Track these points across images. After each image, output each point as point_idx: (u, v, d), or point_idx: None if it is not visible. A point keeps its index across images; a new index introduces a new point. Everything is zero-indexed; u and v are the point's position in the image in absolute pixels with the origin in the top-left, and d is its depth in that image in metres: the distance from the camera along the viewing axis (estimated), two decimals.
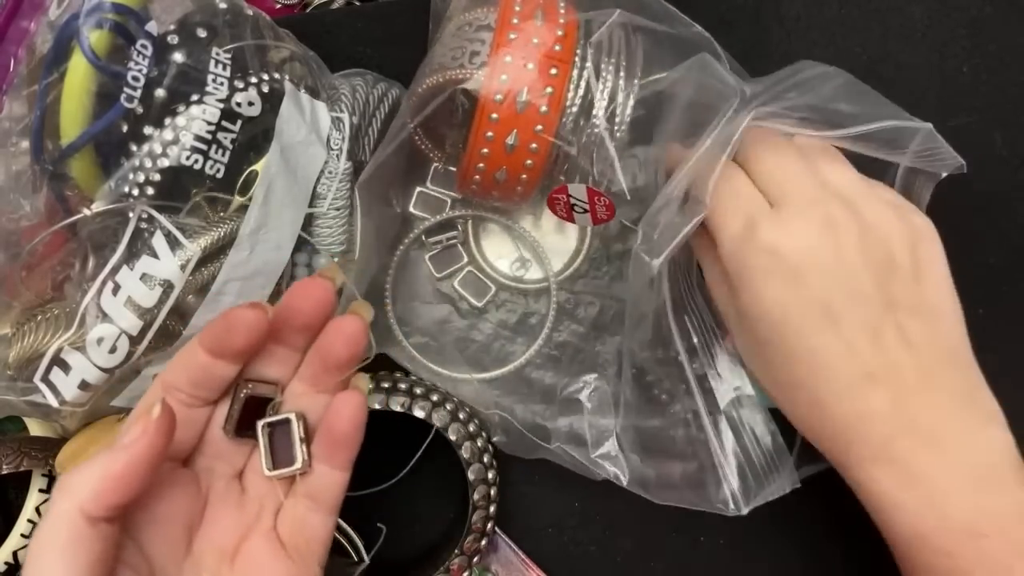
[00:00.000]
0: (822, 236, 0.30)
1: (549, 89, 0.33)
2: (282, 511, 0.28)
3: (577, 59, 0.33)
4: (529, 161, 0.34)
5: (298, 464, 0.27)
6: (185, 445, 0.27)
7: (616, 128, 0.34)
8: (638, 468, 0.36)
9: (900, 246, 0.31)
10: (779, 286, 0.30)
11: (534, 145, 0.33)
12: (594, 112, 0.34)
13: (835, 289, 0.29)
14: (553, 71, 0.33)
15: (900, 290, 0.30)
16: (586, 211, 0.35)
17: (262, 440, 0.27)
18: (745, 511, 0.34)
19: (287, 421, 0.27)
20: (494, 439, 0.39)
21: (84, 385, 0.32)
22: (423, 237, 0.42)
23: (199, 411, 0.28)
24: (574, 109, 0.33)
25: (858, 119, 0.33)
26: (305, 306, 0.27)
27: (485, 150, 0.34)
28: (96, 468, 0.23)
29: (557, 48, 0.33)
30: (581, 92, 0.34)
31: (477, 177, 0.35)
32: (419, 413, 0.37)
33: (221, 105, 0.32)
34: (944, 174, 0.34)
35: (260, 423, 0.28)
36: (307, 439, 0.28)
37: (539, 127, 0.33)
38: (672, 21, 0.35)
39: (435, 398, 0.38)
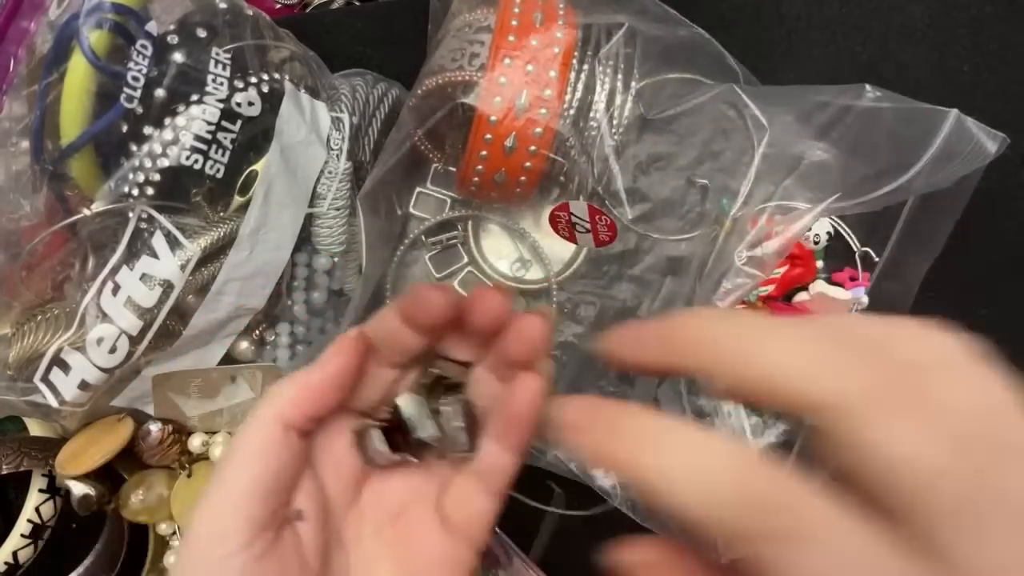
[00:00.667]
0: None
1: (548, 92, 0.33)
2: (450, 487, 0.28)
3: (575, 62, 0.33)
4: (528, 163, 0.34)
5: (465, 448, 0.27)
6: (368, 400, 0.28)
7: (614, 129, 0.34)
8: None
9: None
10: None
11: (532, 147, 0.33)
12: (592, 113, 0.34)
13: None
14: (552, 73, 0.33)
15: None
16: (588, 231, 0.35)
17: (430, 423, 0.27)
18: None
19: (461, 402, 0.27)
20: None
21: (84, 385, 0.32)
22: (423, 237, 0.42)
23: (386, 371, 0.28)
24: (571, 111, 0.33)
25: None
26: (483, 319, 0.26)
27: (484, 152, 0.34)
28: (296, 379, 0.25)
29: (556, 50, 0.33)
30: (579, 94, 0.34)
31: (476, 179, 0.35)
32: None
33: (221, 105, 0.32)
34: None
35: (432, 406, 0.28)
36: (476, 424, 0.27)
37: (538, 130, 0.33)
38: (672, 23, 0.35)
39: None
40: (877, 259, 0.38)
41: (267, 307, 0.36)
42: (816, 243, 0.39)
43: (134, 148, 0.31)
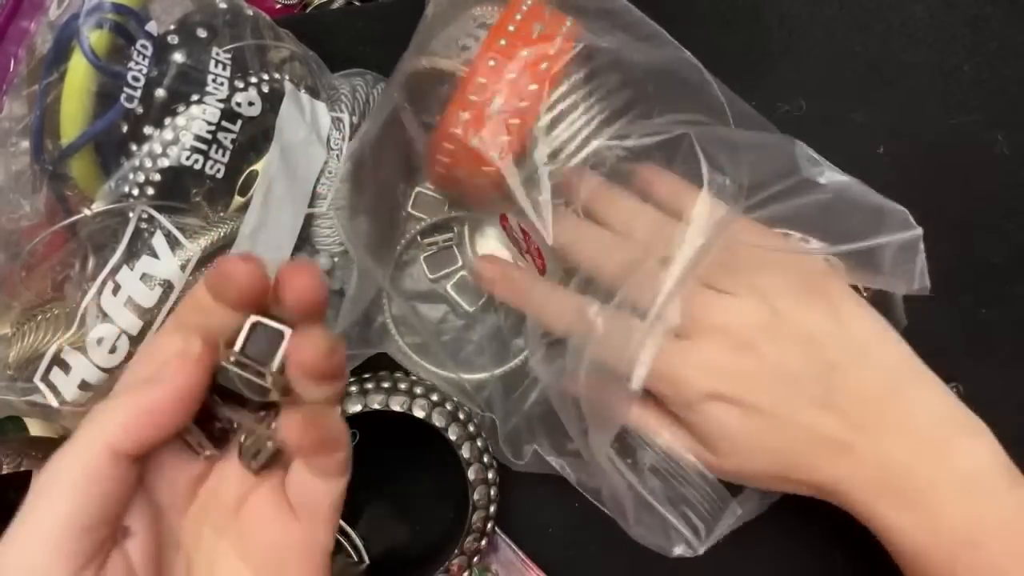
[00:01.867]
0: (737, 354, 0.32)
1: (523, 103, 0.32)
2: (289, 471, 0.26)
3: (566, 83, 0.33)
4: (486, 168, 0.33)
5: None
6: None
7: (556, 165, 0.34)
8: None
9: (812, 315, 0.32)
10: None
11: (495, 154, 0.32)
12: (536, 148, 0.33)
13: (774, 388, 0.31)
14: (532, 87, 0.32)
15: (832, 349, 0.31)
16: (526, 252, 0.35)
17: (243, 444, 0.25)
18: (701, 551, 0.35)
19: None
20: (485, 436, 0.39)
21: (84, 385, 0.32)
22: (418, 238, 0.41)
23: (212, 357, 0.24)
24: (542, 128, 0.33)
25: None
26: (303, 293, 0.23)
27: (450, 146, 0.33)
28: (129, 401, 0.21)
29: (543, 66, 0.32)
30: (553, 114, 0.33)
31: (439, 169, 0.35)
32: (419, 413, 0.37)
33: (221, 105, 0.32)
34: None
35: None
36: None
37: (504, 138, 0.32)
38: (658, 43, 0.34)
39: (435, 398, 0.38)
40: None
41: None
42: None
43: (134, 148, 0.31)
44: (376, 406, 0.37)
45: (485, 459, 0.38)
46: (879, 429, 0.31)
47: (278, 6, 0.47)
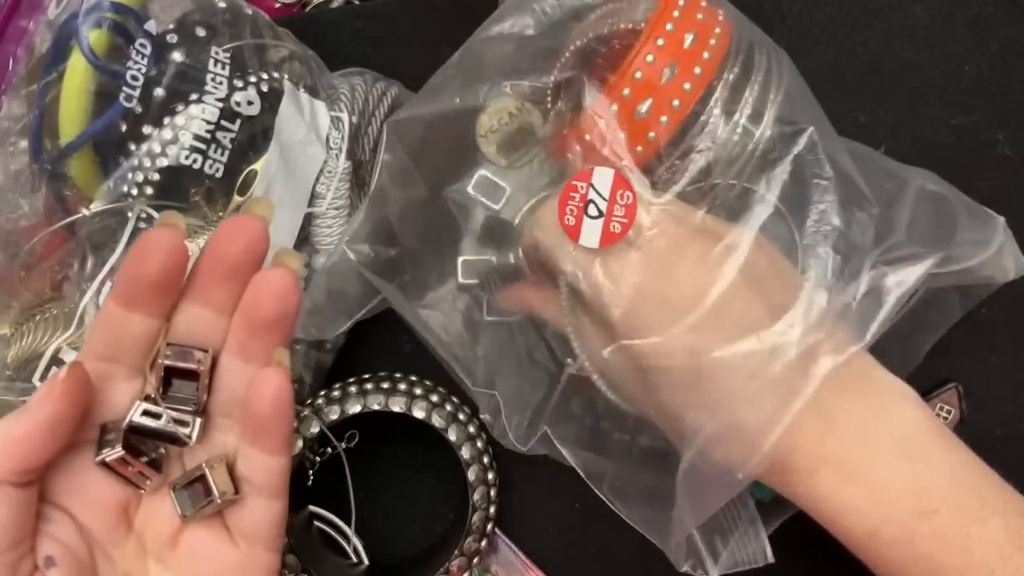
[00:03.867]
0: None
1: (698, 70, 0.30)
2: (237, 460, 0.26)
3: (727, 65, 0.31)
4: (651, 134, 0.30)
5: (216, 499, 0.25)
6: (109, 419, 0.25)
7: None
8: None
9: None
10: None
11: (664, 118, 0.30)
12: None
13: None
14: (706, 55, 0.30)
15: None
16: (600, 215, 0.30)
17: (173, 495, 0.25)
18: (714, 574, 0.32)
19: (201, 478, 0.25)
20: (483, 416, 0.38)
21: None
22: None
23: (127, 383, 0.25)
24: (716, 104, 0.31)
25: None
26: (232, 248, 0.24)
27: (615, 106, 0.30)
28: (1, 430, 0.22)
29: (706, 55, 0.30)
30: (727, 94, 0.31)
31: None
32: (419, 414, 0.37)
33: (220, 104, 0.32)
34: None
35: (169, 483, 0.25)
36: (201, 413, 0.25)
37: (676, 102, 0.30)
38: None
39: (435, 399, 0.38)
40: None
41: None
42: None
43: (133, 147, 0.31)
44: (376, 406, 0.37)
45: (485, 460, 0.38)
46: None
47: (277, 5, 0.47)
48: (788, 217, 0.32)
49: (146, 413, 0.25)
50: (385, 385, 0.38)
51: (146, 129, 0.31)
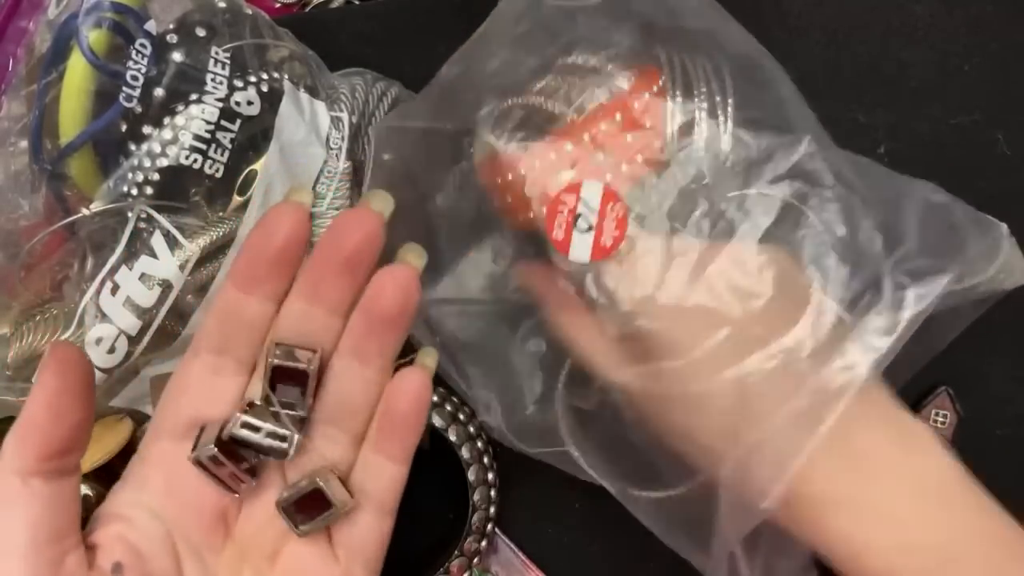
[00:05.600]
0: None
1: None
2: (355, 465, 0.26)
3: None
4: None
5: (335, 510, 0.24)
6: (211, 417, 0.25)
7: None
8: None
9: None
10: None
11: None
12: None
13: None
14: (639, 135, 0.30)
15: None
16: (590, 228, 0.29)
17: (283, 512, 0.25)
18: None
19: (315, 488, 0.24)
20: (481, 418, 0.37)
21: None
22: None
23: (234, 379, 0.25)
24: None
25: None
26: (350, 240, 0.23)
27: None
28: (15, 426, 0.22)
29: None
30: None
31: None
32: None
33: (220, 104, 0.32)
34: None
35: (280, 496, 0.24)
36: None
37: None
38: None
39: (435, 399, 0.38)
40: None
41: None
42: None
43: (133, 147, 0.31)
44: None
45: (485, 460, 0.38)
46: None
47: (277, 5, 0.47)
48: (789, 226, 0.31)
49: (246, 425, 0.24)
50: None
51: (146, 129, 0.31)
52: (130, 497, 0.24)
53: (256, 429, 0.24)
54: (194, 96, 0.31)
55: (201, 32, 0.32)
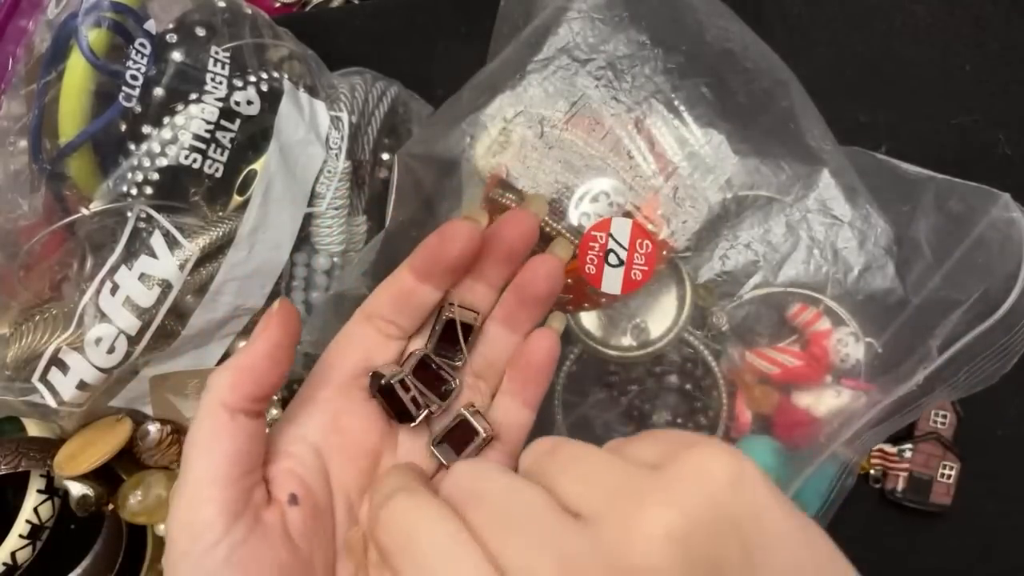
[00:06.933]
0: None
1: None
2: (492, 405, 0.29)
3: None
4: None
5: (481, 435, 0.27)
6: (379, 367, 0.28)
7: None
8: None
9: None
10: None
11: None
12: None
13: None
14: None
15: None
16: (620, 264, 0.31)
17: (435, 449, 0.28)
18: None
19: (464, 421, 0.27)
20: None
21: (82, 385, 0.32)
22: None
23: (396, 343, 0.28)
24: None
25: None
26: (512, 234, 0.28)
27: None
28: (232, 363, 0.25)
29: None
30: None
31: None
32: None
33: (220, 104, 0.32)
34: None
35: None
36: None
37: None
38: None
39: None
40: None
41: (266, 307, 0.36)
42: (843, 362, 0.35)
43: (133, 147, 0.31)
44: None
45: None
46: None
47: (277, 5, 0.47)
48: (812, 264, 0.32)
49: (423, 360, 0.28)
50: None
51: (146, 129, 0.31)
52: (295, 432, 0.27)
53: (428, 366, 0.28)
54: (194, 96, 0.31)
55: (201, 32, 0.32)
